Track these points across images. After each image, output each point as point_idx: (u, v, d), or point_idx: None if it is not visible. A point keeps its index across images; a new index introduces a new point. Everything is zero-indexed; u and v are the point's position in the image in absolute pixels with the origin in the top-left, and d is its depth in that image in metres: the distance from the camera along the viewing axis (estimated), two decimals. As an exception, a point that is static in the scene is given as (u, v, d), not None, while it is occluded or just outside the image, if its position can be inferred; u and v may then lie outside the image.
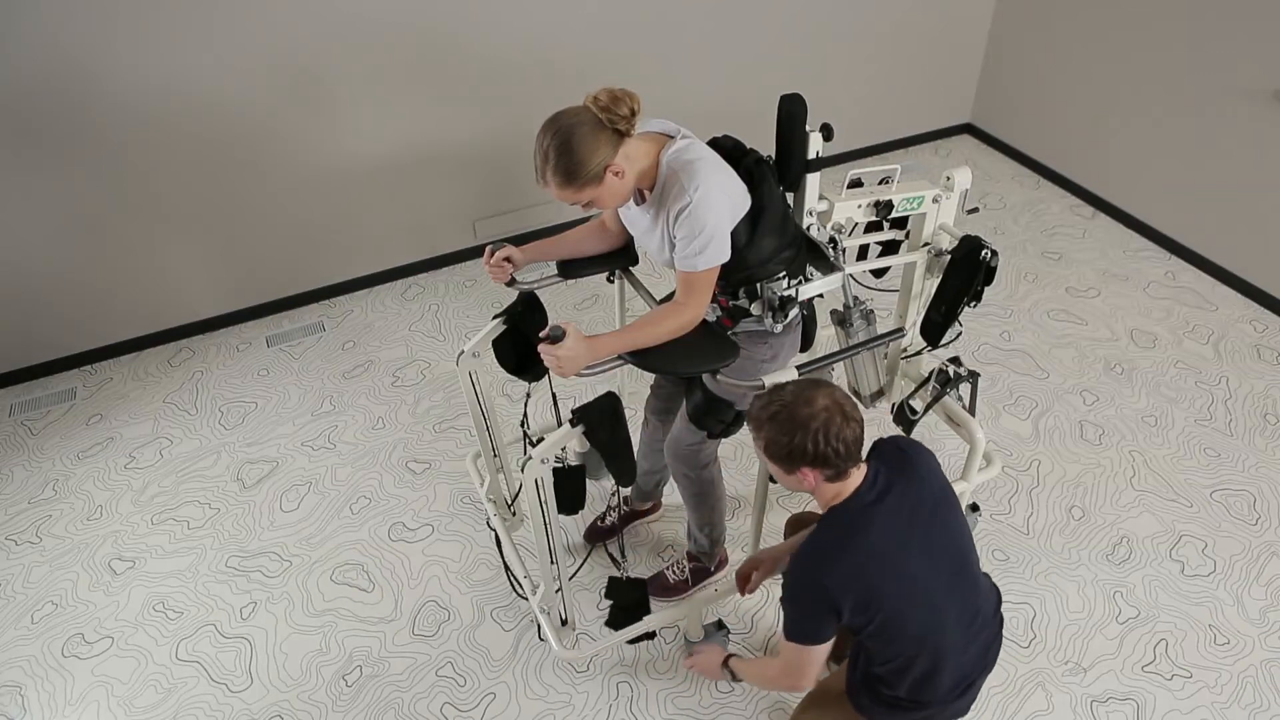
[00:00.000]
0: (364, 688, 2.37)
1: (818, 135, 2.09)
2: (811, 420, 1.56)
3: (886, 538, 1.61)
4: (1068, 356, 3.33)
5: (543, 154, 1.70)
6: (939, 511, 1.67)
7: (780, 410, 1.58)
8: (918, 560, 1.62)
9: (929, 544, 1.64)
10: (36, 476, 3.01)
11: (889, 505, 1.62)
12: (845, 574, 1.58)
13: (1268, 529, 2.69)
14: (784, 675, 1.72)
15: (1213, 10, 3.36)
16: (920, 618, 1.63)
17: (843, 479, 1.62)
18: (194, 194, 3.27)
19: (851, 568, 1.58)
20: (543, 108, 3.57)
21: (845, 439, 1.57)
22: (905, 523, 1.63)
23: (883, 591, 1.59)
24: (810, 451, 1.56)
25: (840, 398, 1.60)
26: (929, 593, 1.63)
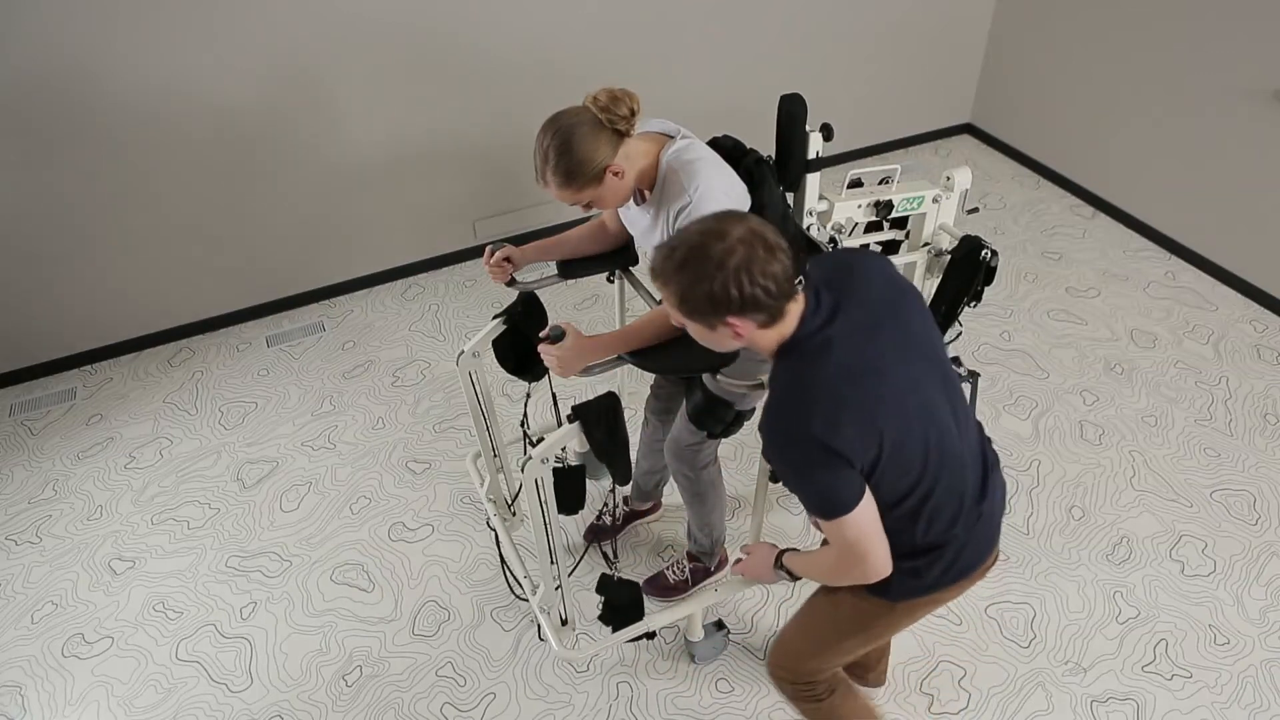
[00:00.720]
0: (364, 688, 2.37)
1: (818, 135, 2.09)
2: (728, 258, 1.30)
3: (853, 355, 1.38)
4: (1068, 356, 3.33)
5: (542, 154, 1.70)
6: (900, 313, 1.45)
7: (689, 255, 1.32)
8: (895, 368, 1.41)
9: (902, 349, 1.43)
10: (36, 476, 3.01)
11: (843, 324, 1.40)
12: (829, 410, 1.35)
13: (1268, 529, 2.69)
14: (844, 560, 1.45)
15: (1213, 10, 3.36)
16: (921, 431, 1.43)
17: (779, 320, 1.38)
18: (194, 194, 3.28)
19: (831, 400, 1.36)
20: (543, 108, 3.58)
21: (773, 274, 1.32)
22: (867, 335, 1.40)
23: (875, 411, 1.37)
24: (735, 297, 1.31)
25: (757, 225, 1.34)
26: (922, 402, 1.43)
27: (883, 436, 1.37)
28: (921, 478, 1.44)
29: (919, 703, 2.29)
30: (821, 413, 1.35)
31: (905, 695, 2.31)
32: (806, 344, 1.39)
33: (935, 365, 1.48)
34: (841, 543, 1.42)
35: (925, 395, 1.45)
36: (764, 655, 2.41)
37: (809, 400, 1.36)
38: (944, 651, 2.40)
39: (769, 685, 2.34)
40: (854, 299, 1.43)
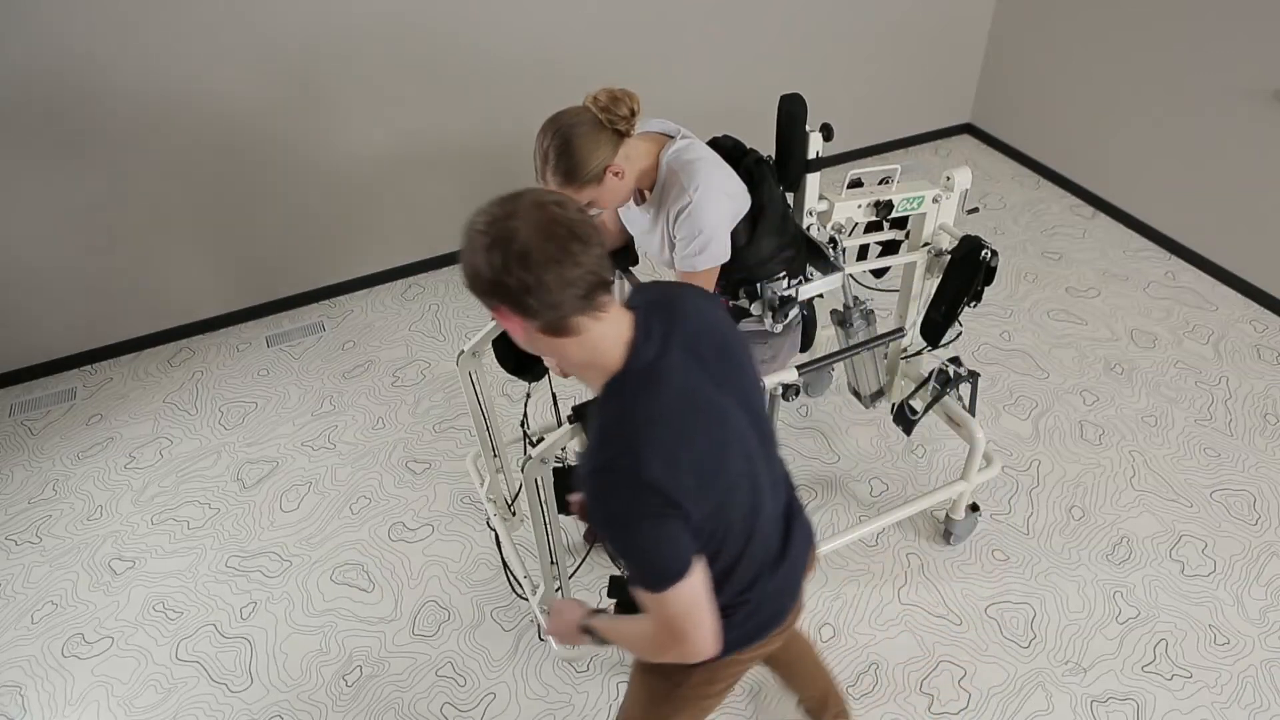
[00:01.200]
0: (364, 688, 2.37)
1: (818, 135, 2.09)
2: (511, 236, 1.12)
3: (694, 392, 1.22)
4: (1068, 356, 3.33)
5: (542, 154, 1.70)
6: (731, 358, 1.32)
7: (488, 225, 1.14)
8: (735, 413, 1.28)
9: (734, 398, 1.29)
10: (36, 476, 3.01)
11: (679, 358, 1.23)
12: (667, 449, 1.17)
13: (1268, 529, 2.69)
14: (662, 636, 1.23)
15: (1213, 10, 3.36)
16: (745, 488, 1.30)
17: (576, 333, 1.18)
18: (194, 194, 3.27)
19: (671, 436, 1.17)
20: (543, 108, 3.56)
21: (563, 276, 1.12)
22: (702, 376, 1.25)
23: (719, 456, 1.23)
24: (518, 285, 1.12)
25: (564, 213, 1.15)
26: (748, 455, 1.30)
27: (721, 488, 1.24)
28: (735, 539, 1.31)
29: (919, 703, 2.29)
30: (660, 453, 1.15)
31: (905, 695, 2.31)
32: (639, 376, 1.21)
33: (756, 419, 1.35)
34: (663, 617, 1.21)
35: (752, 449, 1.31)
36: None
37: (644, 438, 1.16)
38: (944, 651, 2.40)
39: (769, 685, 2.34)
40: (683, 336, 1.26)
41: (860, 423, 3.09)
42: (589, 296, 1.16)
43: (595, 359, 1.22)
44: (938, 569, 2.61)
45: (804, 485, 2.87)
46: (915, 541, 2.69)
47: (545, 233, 1.13)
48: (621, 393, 1.20)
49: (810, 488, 2.86)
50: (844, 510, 2.79)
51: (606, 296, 1.19)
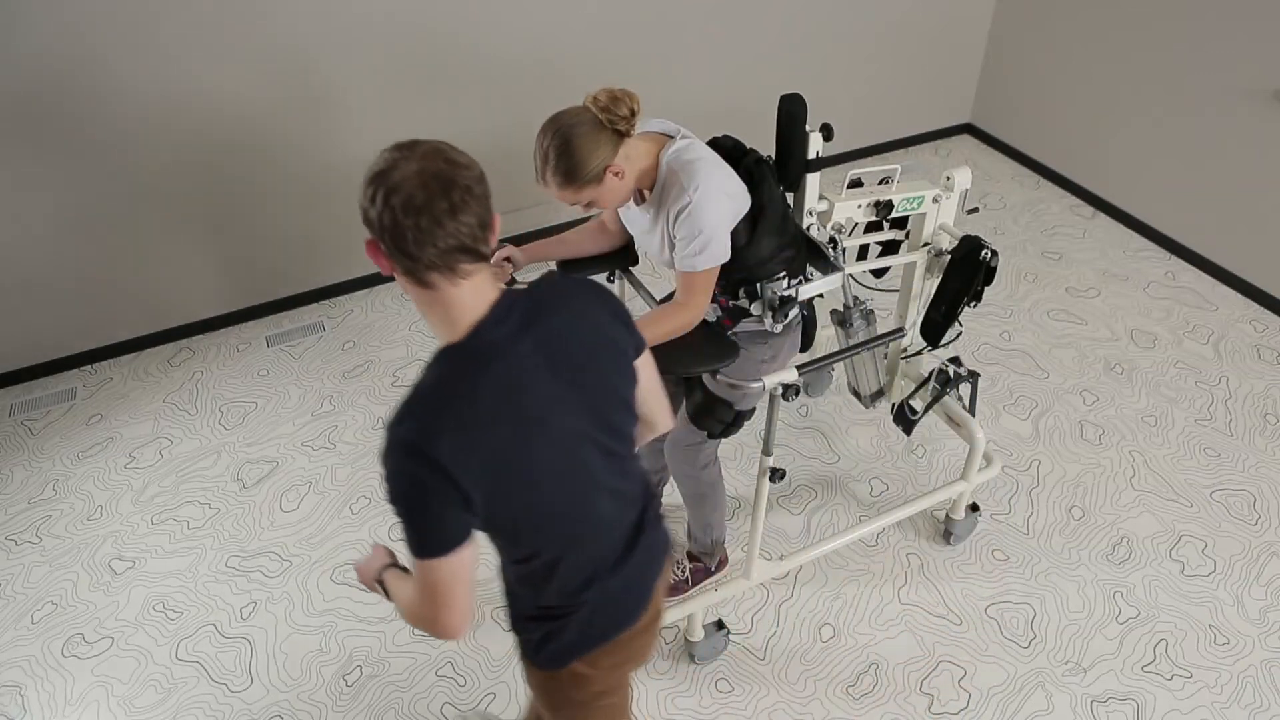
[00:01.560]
0: (364, 688, 2.37)
1: (818, 135, 2.09)
2: (394, 171, 1.14)
3: (516, 381, 1.21)
4: (1068, 356, 3.33)
5: (542, 154, 1.70)
6: (598, 364, 1.30)
7: (382, 160, 1.18)
8: (562, 418, 1.26)
9: (579, 401, 1.28)
10: (36, 476, 3.01)
11: (525, 347, 1.23)
12: (461, 427, 1.17)
13: (1268, 529, 2.69)
14: (422, 604, 1.26)
15: (1213, 10, 3.36)
16: (567, 492, 1.30)
17: (431, 288, 1.18)
18: (194, 194, 3.27)
19: (464, 407, 1.18)
20: (542, 108, 3.56)
21: (441, 220, 1.13)
22: (549, 371, 1.24)
23: (512, 449, 1.21)
24: (378, 220, 1.14)
25: (451, 171, 1.16)
26: (578, 462, 1.30)
27: (521, 484, 1.24)
28: (552, 540, 1.32)
29: (919, 703, 2.29)
30: (452, 432, 1.15)
31: (905, 695, 2.31)
32: (470, 352, 1.20)
33: (604, 429, 1.33)
34: (422, 584, 1.24)
35: (582, 456, 1.30)
36: (764, 655, 2.41)
37: (443, 414, 1.16)
38: (944, 651, 2.40)
39: (769, 685, 2.34)
40: (544, 330, 1.25)
41: (860, 423, 3.09)
42: (447, 258, 1.16)
43: (441, 322, 1.22)
44: (938, 569, 2.61)
45: (804, 485, 2.87)
46: (915, 541, 2.69)
47: (422, 182, 1.14)
48: (445, 362, 1.20)
49: (810, 488, 2.87)
50: (844, 510, 2.79)
51: (470, 266, 1.19)
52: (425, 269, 1.16)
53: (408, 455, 1.15)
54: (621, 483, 1.40)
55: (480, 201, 1.19)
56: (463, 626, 1.27)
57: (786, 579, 2.60)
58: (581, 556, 1.37)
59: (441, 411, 1.17)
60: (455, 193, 1.15)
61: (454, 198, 1.15)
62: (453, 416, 1.17)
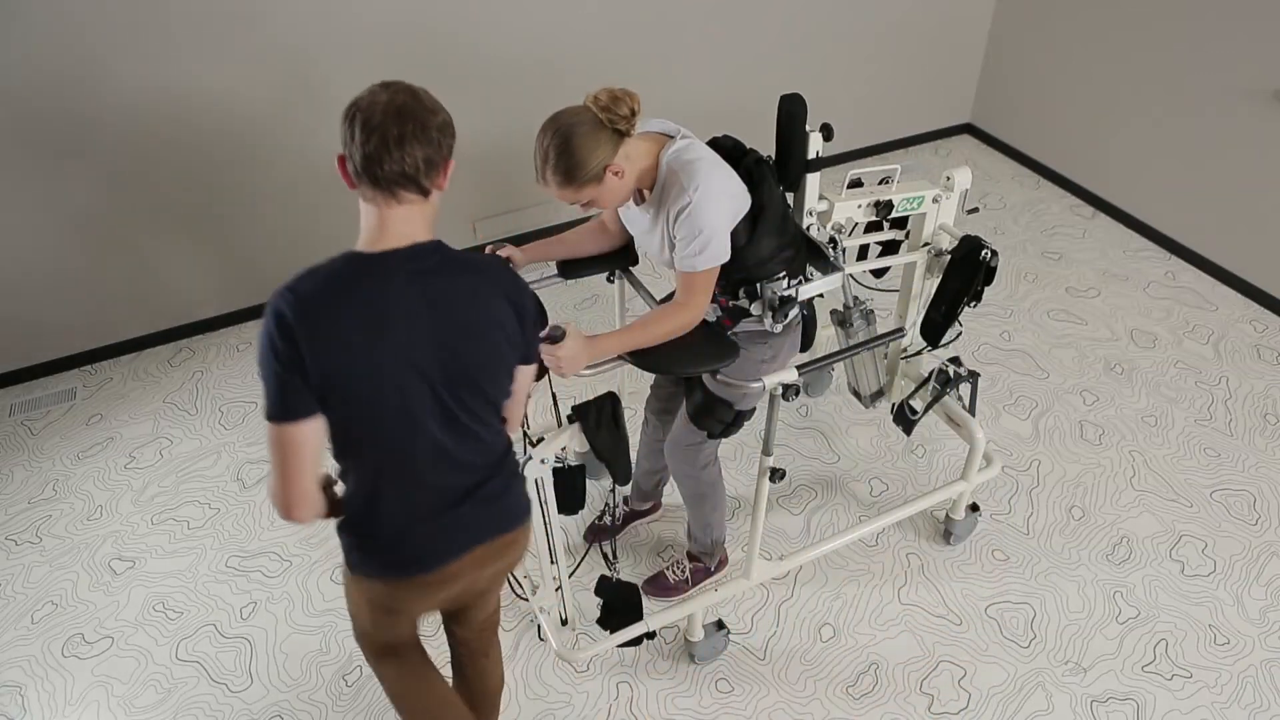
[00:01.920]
0: (364, 687, 2.37)
1: (818, 135, 2.09)
2: (371, 103, 1.33)
3: (389, 296, 1.33)
4: (1068, 356, 3.33)
5: (542, 154, 1.70)
6: (474, 337, 1.40)
7: (364, 92, 1.36)
8: (416, 356, 1.36)
9: (439, 355, 1.37)
10: (36, 476, 3.01)
11: (417, 288, 1.35)
12: (326, 310, 1.30)
13: (1268, 529, 2.69)
14: (271, 476, 1.36)
15: (1213, 10, 3.36)
16: (392, 421, 1.39)
17: (371, 203, 1.37)
18: (194, 194, 3.27)
19: (331, 294, 1.31)
20: (543, 108, 3.56)
21: (389, 144, 1.30)
22: (427, 314, 1.36)
23: (357, 336, 1.32)
24: (345, 133, 1.35)
25: (421, 104, 1.35)
26: (403, 406, 1.38)
27: (353, 380, 1.33)
28: (368, 454, 1.43)
29: (919, 703, 2.29)
30: (309, 297, 1.29)
31: (905, 695, 2.31)
32: (357, 258, 1.37)
33: (451, 393, 1.41)
34: (271, 451, 1.35)
35: (416, 399, 1.38)
36: (764, 655, 2.41)
37: (316, 285, 1.31)
38: (944, 651, 2.40)
39: (769, 685, 2.34)
40: (427, 281, 1.37)
41: (860, 423, 3.09)
42: (389, 182, 1.35)
43: (366, 232, 1.40)
44: (938, 569, 2.61)
45: (804, 485, 2.87)
46: (915, 541, 2.69)
47: (384, 110, 1.33)
48: (347, 260, 1.36)
49: (810, 488, 2.87)
50: (844, 510, 2.79)
51: (409, 194, 1.38)
52: (369, 184, 1.36)
53: (274, 319, 1.29)
54: (456, 446, 1.48)
55: (432, 141, 1.37)
56: (300, 508, 1.37)
57: (786, 579, 2.60)
58: (396, 492, 1.47)
59: (317, 293, 1.31)
60: (410, 124, 1.33)
61: (406, 128, 1.32)
62: (324, 300, 1.30)
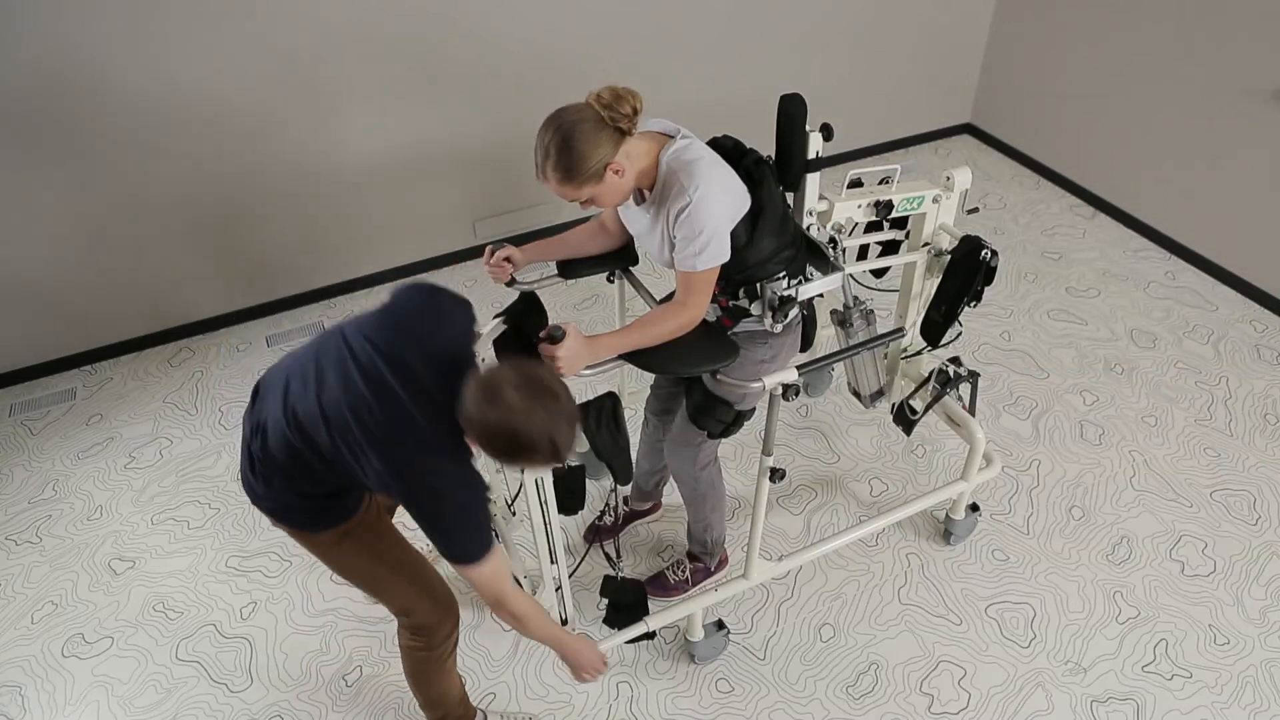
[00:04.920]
0: (364, 687, 2.37)
1: (818, 135, 2.08)
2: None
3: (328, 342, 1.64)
4: (1068, 356, 3.33)
5: (544, 150, 1.70)
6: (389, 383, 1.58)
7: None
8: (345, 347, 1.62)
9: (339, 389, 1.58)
10: (36, 476, 3.01)
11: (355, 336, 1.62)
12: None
13: (1268, 529, 2.69)
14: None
15: (1213, 10, 3.36)
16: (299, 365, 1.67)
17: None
18: (194, 194, 3.27)
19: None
20: (543, 108, 3.55)
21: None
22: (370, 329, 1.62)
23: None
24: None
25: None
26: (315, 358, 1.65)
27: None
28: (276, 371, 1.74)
29: (919, 703, 2.29)
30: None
31: (905, 695, 2.31)
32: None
33: (365, 372, 1.59)
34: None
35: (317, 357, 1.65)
36: (764, 655, 2.41)
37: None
38: (944, 651, 2.40)
39: (769, 685, 2.34)
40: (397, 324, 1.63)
41: (860, 423, 3.09)
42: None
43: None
44: (938, 569, 2.61)
45: (804, 485, 2.87)
46: (915, 541, 2.69)
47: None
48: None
49: (810, 488, 2.87)
50: (844, 510, 2.79)
51: None
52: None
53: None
54: (322, 395, 1.66)
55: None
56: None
57: (786, 579, 2.60)
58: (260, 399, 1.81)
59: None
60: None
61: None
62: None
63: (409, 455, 1.55)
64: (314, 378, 1.61)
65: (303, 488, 1.70)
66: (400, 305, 1.68)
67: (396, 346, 1.59)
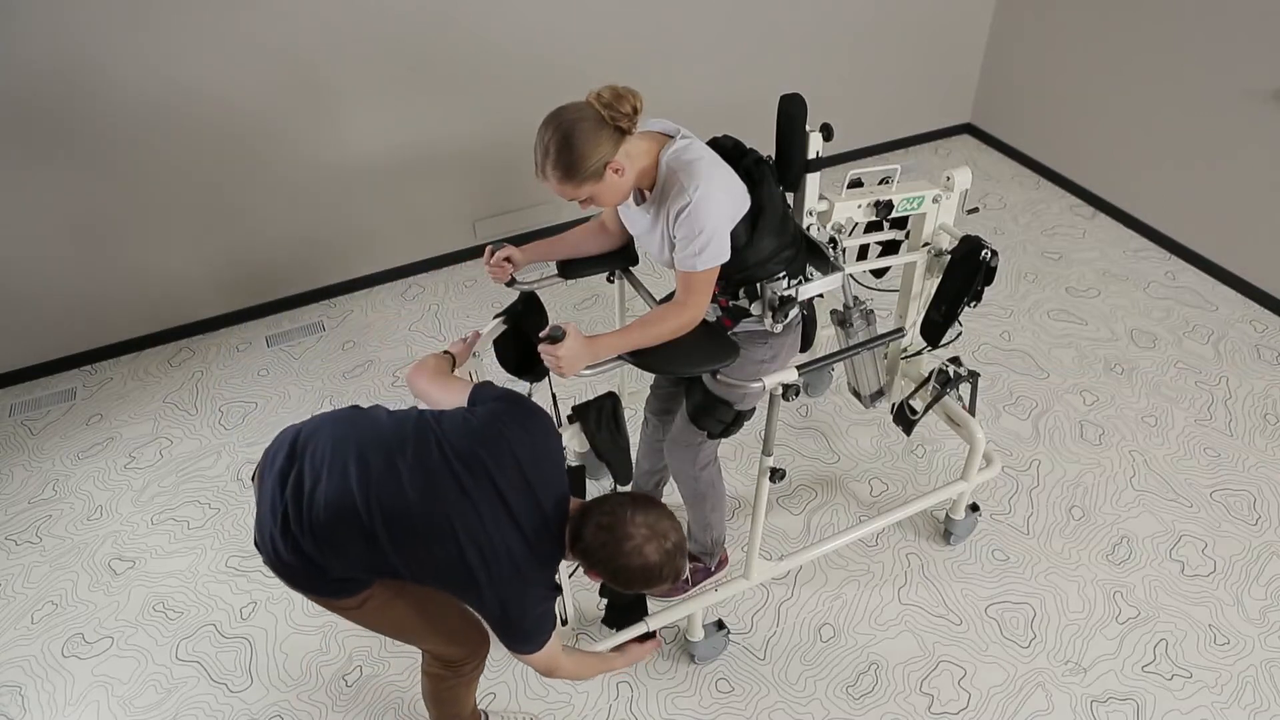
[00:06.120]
0: (364, 687, 2.37)
1: (818, 135, 2.08)
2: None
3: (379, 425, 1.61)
4: (1068, 356, 3.33)
5: (543, 148, 1.70)
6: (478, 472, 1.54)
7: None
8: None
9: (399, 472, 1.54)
10: (36, 476, 3.01)
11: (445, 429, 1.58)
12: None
13: (1268, 529, 2.69)
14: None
15: (1213, 10, 3.36)
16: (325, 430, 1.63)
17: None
18: (194, 193, 3.27)
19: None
20: (543, 108, 3.54)
21: None
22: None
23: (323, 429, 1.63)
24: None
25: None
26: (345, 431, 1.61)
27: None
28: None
29: (919, 703, 2.29)
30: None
31: (905, 695, 2.31)
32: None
33: (409, 432, 1.59)
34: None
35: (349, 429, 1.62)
36: (764, 655, 2.41)
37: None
38: (944, 651, 2.40)
39: (769, 685, 2.34)
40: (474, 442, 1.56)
41: (860, 423, 3.09)
42: None
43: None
44: (938, 569, 2.61)
45: (804, 485, 2.87)
46: (915, 541, 2.69)
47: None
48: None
49: (810, 488, 2.87)
50: (844, 510, 2.79)
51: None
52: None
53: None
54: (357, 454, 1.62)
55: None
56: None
57: (786, 579, 2.60)
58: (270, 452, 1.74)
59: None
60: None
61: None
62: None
63: (508, 574, 1.53)
64: (401, 463, 1.53)
65: (344, 567, 1.59)
66: (499, 418, 1.60)
67: (510, 464, 1.54)
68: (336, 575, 1.60)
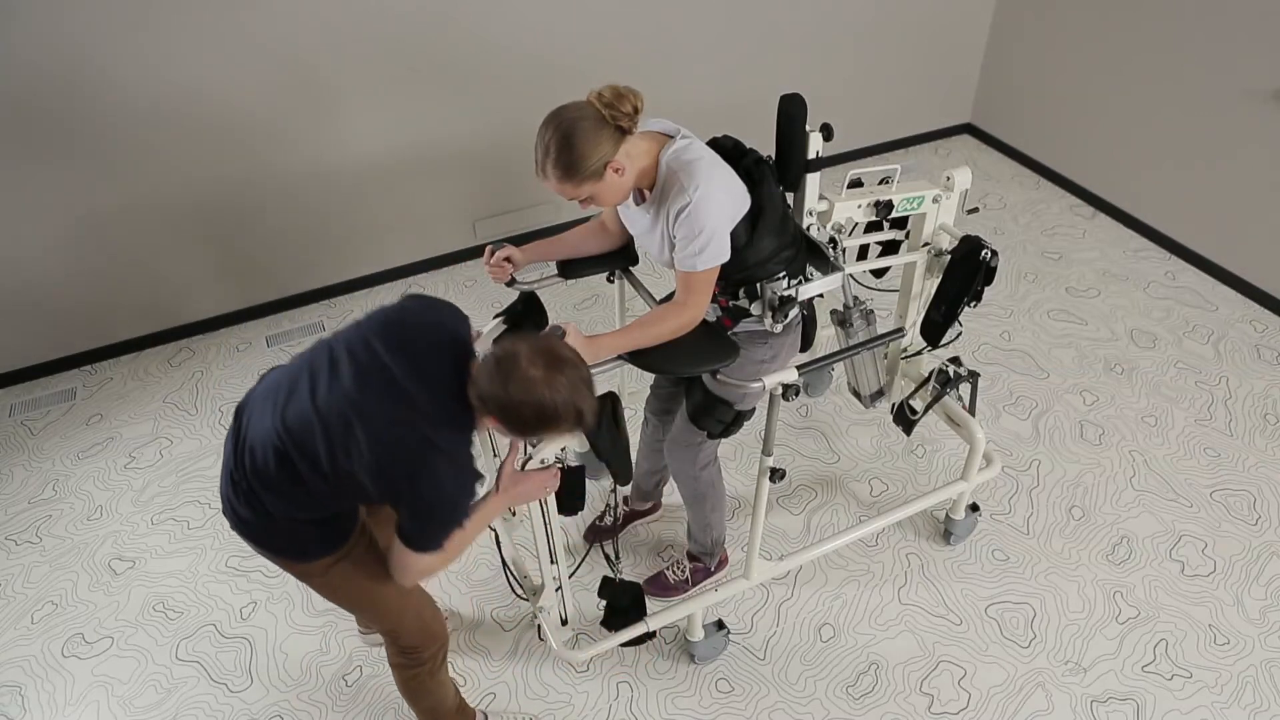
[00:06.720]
0: (364, 687, 2.37)
1: (818, 135, 2.08)
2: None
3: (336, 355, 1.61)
4: (1068, 356, 3.33)
5: (544, 147, 1.70)
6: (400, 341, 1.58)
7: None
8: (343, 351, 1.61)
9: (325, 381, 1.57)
10: (36, 476, 3.01)
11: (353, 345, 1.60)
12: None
13: (1268, 529, 2.69)
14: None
15: (1213, 10, 3.36)
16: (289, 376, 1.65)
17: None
18: (194, 194, 3.27)
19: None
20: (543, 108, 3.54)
21: None
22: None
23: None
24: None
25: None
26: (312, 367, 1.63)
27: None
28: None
29: (919, 703, 2.29)
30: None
31: (905, 695, 2.31)
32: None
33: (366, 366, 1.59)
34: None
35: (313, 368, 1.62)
36: (764, 655, 2.41)
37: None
38: (944, 651, 2.40)
39: (769, 685, 2.34)
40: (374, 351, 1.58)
41: (860, 423, 3.09)
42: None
43: None
44: (938, 569, 2.61)
45: (804, 485, 2.87)
46: (915, 541, 2.69)
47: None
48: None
49: (810, 488, 2.87)
50: (844, 510, 2.79)
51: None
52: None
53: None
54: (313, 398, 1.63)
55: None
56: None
57: (786, 579, 2.60)
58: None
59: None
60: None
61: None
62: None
63: (414, 444, 1.51)
64: (307, 385, 1.57)
65: (292, 509, 1.63)
66: (397, 308, 1.67)
67: (402, 340, 1.57)
68: (284, 524, 1.65)
